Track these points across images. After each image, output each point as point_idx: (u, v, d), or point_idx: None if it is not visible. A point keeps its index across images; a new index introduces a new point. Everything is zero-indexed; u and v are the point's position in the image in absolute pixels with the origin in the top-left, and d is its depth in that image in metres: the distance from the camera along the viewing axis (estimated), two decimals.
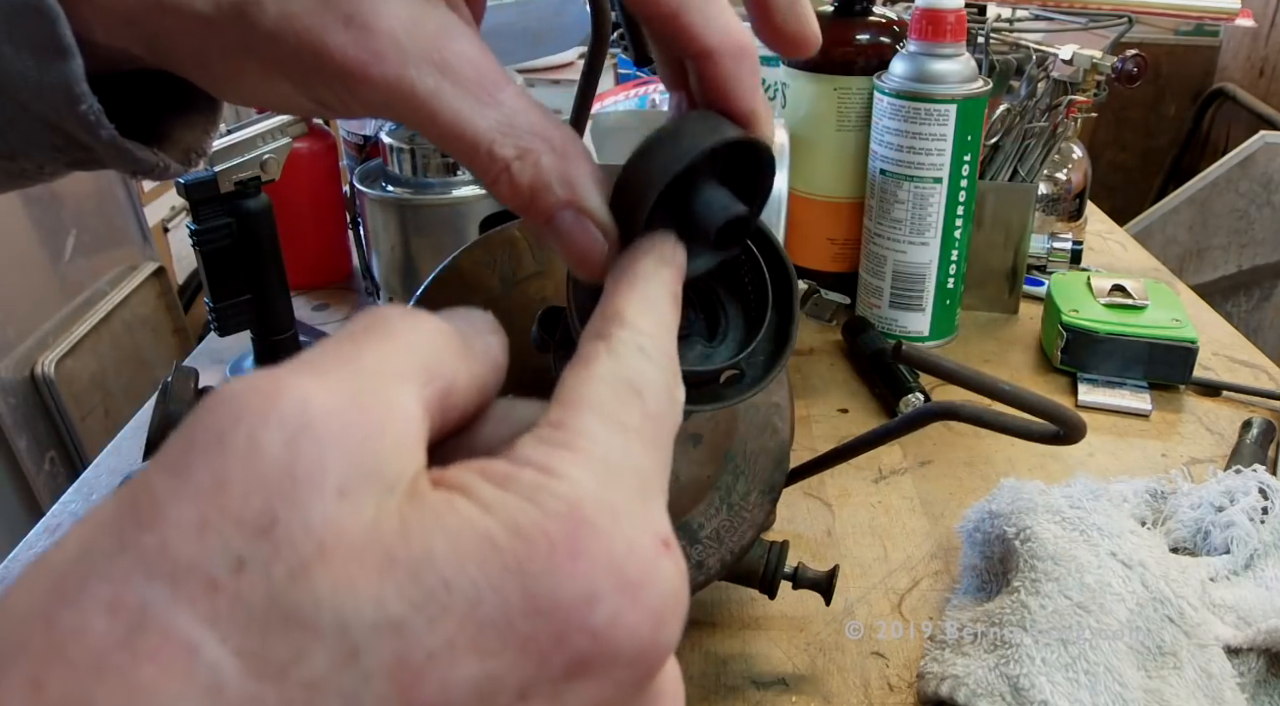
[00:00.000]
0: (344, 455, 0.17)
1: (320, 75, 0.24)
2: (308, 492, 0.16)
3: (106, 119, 0.25)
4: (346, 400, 0.17)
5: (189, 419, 0.17)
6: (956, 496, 0.67)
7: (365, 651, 0.16)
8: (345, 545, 0.16)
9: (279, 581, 0.16)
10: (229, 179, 0.75)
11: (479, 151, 0.24)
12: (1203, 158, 2.57)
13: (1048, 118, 0.93)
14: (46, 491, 1.34)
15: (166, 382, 0.69)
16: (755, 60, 0.26)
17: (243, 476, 0.16)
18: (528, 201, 0.24)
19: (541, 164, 0.24)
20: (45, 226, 1.47)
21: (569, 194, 0.24)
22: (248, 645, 0.15)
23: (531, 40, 0.90)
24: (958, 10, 0.78)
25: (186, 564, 0.16)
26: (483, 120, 0.23)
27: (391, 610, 0.16)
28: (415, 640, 0.16)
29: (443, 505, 0.17)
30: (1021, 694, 0.46)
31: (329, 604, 0.16)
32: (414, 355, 0.20)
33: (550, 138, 0.24)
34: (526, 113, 0.24)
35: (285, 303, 0.81)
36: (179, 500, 0.16)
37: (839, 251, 0.91)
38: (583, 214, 0.24)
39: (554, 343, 0.35)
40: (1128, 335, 0.77)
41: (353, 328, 0.20)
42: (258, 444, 0.16)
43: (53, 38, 0.24)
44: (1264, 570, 0.54)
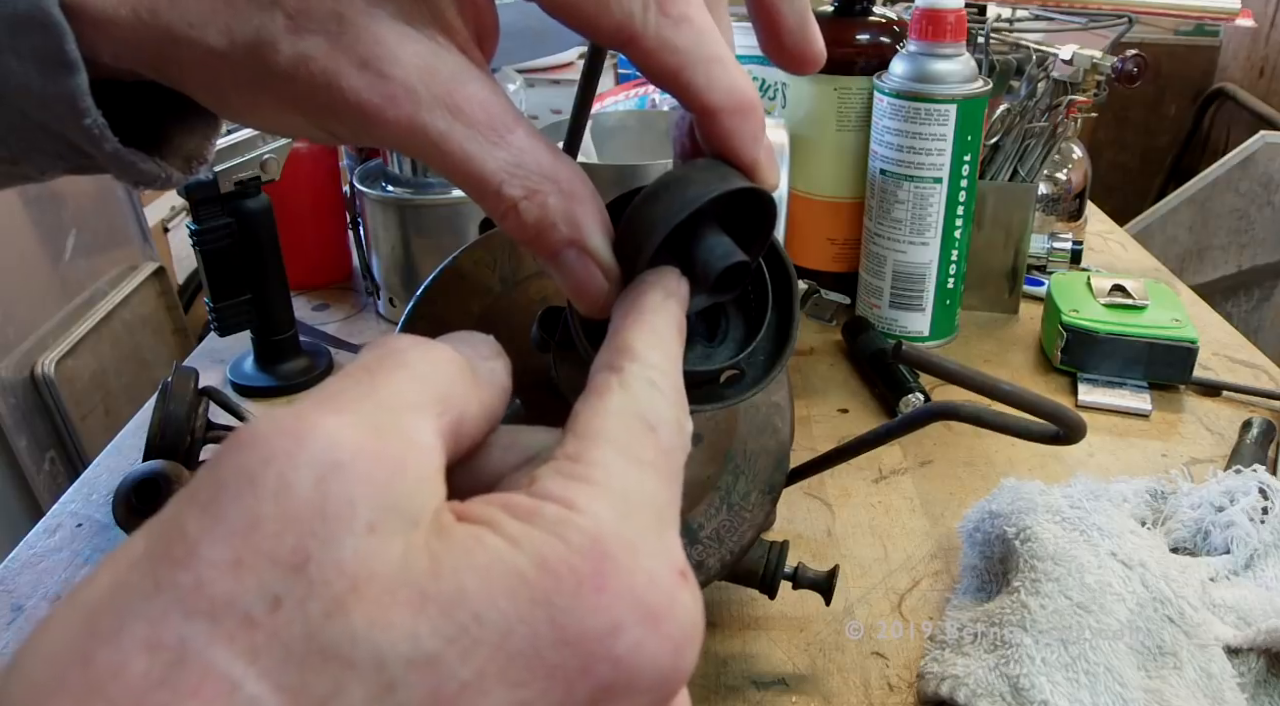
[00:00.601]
0: (371, 492, 0.17)
1: (334, 114, 0.24)
2: (339, 530, 0.17)
3: (110, 132, 0.26)
4: (370, 437, 0.18)
5: (217, 457, 0.17)
6: (956, 496, 0.67)
7: (401, 685, 0.16)
8: (378, 581, 0.17)
9: (315, 618, 0.16)
10: (229, 179, 0.75)
11: (488, 190, 0.24)
12: (1203, 158, 2.57)
13: (1048, 118, 0.93)
14: (46, 491, 1.34)
15: (166, 382, 0.69)
16: (758, 114, 0.26)
17: (275, 515, 0.16)
18: (534, 238, 0.25)
19: (548, 204, 0.24)
20: (45, 226, 1.47)
21: (573, 234, 0.25)
22: (286, 680, 0.16)
23: (531, 40, 0.90)
24: (958, 10, 0.78)
25: (223, 601, 0.16)
26: (492, 161, 0.24)
27: (426, 645, 0.16)
28: (449, 673, 0.16)
29: (470, 540, 0.18)
30: (1021, 694, 0.46)
31: (365, 639, 0.16)
32: (427, 386, 0.20)
33: (557, 178, 0.25)
34: (535, 153, 0.25)
35: (285, 302, 0.81)
36: (213, 539, 0.16)
37: (839, 251, 0.91)
38: (585, 253, 0.25)
39: (554, 342, 0.35)
40: (1128, 335, 0.77)
41: (366, 360, 0.20)
42: (288, 483, 0.17)
43: (59, 52, 0.24)
44: (1264, 570, 0.54)
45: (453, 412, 0.21)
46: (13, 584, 0.61)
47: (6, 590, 0.60)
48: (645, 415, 0.22)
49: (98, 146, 0.26)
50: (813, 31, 0.28)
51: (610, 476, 0.20)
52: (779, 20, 0.28)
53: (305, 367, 0.83)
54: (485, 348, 0.24)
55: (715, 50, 0.26)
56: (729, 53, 0.26)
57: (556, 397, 0.39)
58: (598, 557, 0.18)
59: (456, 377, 0.21)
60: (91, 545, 0.64)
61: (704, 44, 0.25)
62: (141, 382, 1.57)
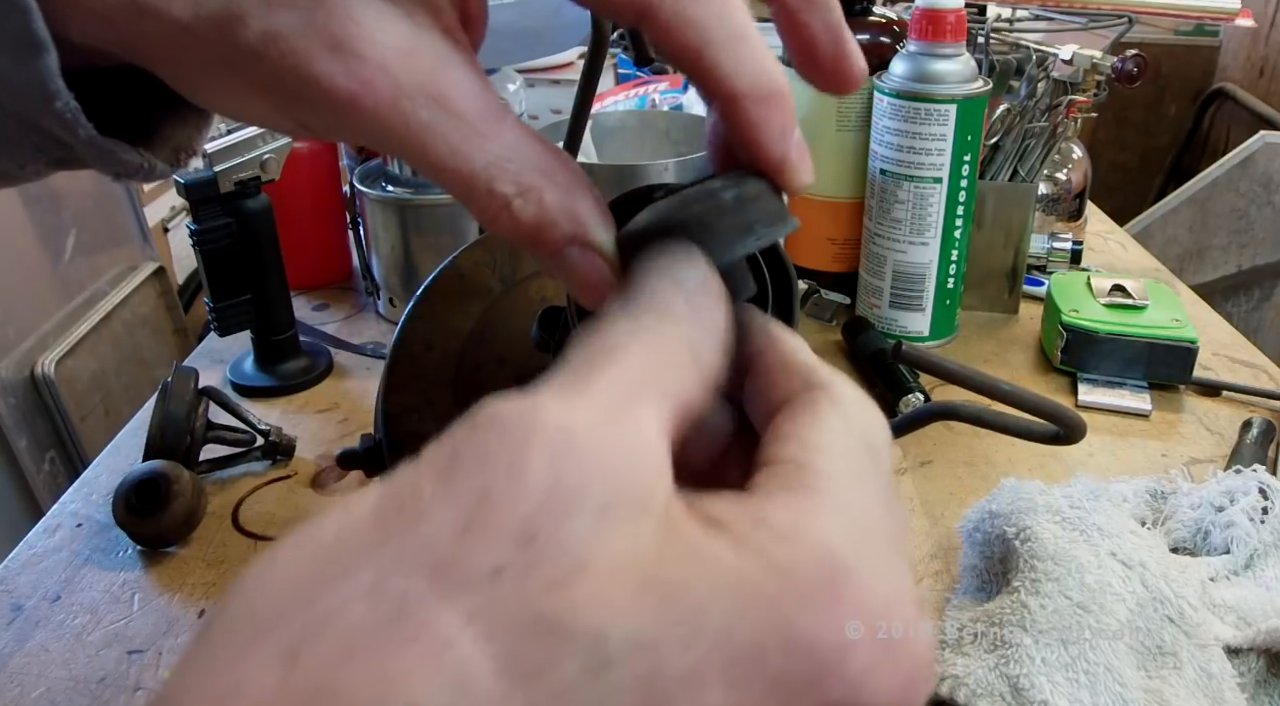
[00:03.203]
0: (604, 479, 0.17)
1: (304, 101, 0.22)
2: (569, 511, 0.17)
3: (84, 117, 0.24)
4: (603, 424, 0.18)
5: (454, 433, 0.18)
6: (956, 496, 0.67)
7: (617, 665, 0.16)
8: (604, 563, 0.17)
9: (536, 590, 0.16)
10: (229, 179, 0.75)
11: (476, 188, 0.22)
12: (1203, 158, 2.57)
13: (1048, 118, 0.93)
14: (46, 491, 1.34)
15: (166, 383, 0.69)
16: (788, 103, 0.24)
17: (507, 491, 0.17)
18: (531, 238, 0.23)
19: (544, 200, 0.23)
20: (45, 226, 1.47)
21: (575, 229, 0.23)
22: (501, 647, 0.16)
23: (531, 40, 0.90)
24: (958, 10, 0.78)
25: (447, 562, 0.16)
26: (480, 155, 0.22)
27: (646, 629, 0.16)
28: (667, 661, 0.16)
29: (699, 535, 0.18)
30: (1021, 694, 0.46)
31: (585, 616, 0.16)
32: (653, 374, 0.20)
33: (552, 172, 0.23)
34: (526, 146, 0.23)
35: (285, 302, 0.81)
36: (443, 504, 0.17)
37: (839, 251, 0.91)
38: (589, 249, 0.23)
39: (554, 342, 0.35)
40: (1128, 335, 0.77)
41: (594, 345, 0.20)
42: (523, 463, 0.17)
43: (25, 31, 0.22)
44: (1264, 570, 0.54)
45: (677, 399, 0.20)
46: (13, 584, 0.61)
47: (6, 590, 0.60)
48: (865, 436, 0.21)
49: (71, 133, 0.24)
50: (850, 48, 0.25)
51: (839, 491, 0.20)
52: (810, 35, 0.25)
53: (305, 367, 0.83)
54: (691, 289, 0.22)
55: (740, 28, 0.23)
56: (756, 33, 0.24)
57: None
58: (832, 568, 0.18)
59: (679, 363, 0.21)
60: (91, 545, 0.64)
61: (727, 21, 0.23)
62: (141, 383, 1.57)
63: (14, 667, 0.54)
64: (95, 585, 0.60)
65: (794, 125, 0.24)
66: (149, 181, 0.29)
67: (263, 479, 0.70)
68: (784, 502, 0.19)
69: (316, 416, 0.78)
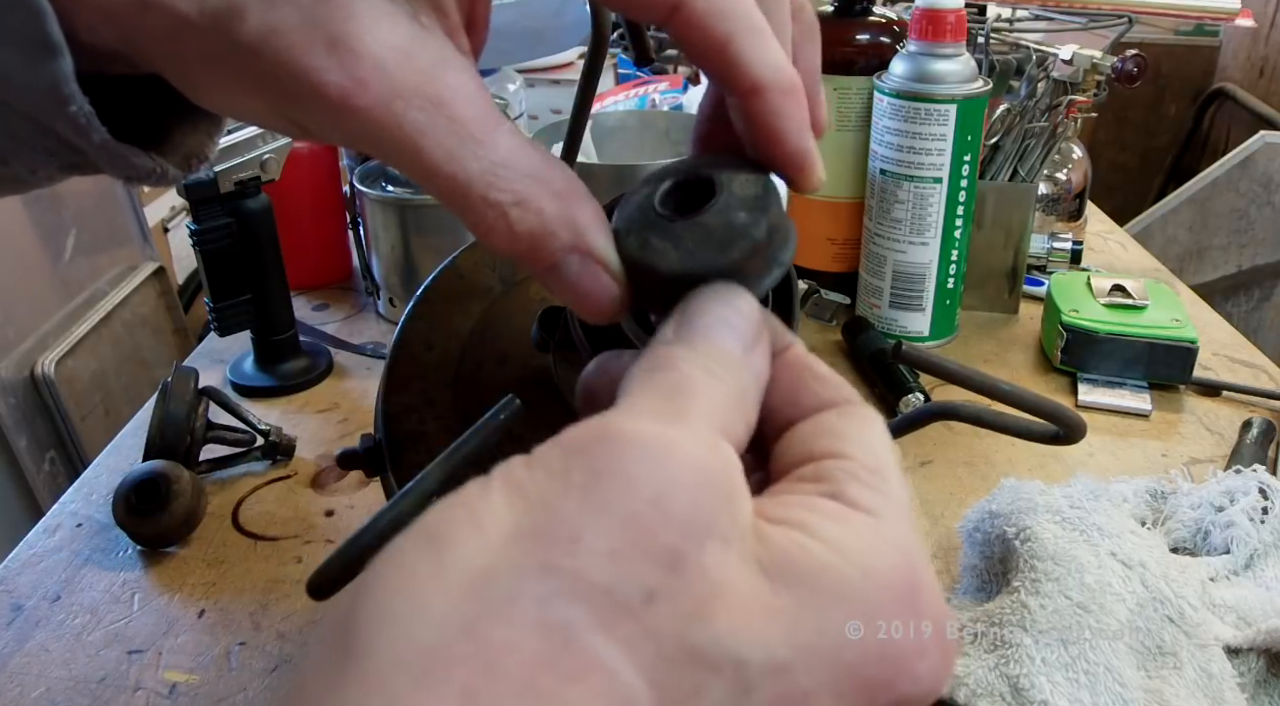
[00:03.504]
0: (724, 505, 0.18)
1: (297, 99, 0.22)
2: (706, 537, 0.17)
3: (98, 121, 0.24)
4: (715, 455, 0.19)
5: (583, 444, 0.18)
6: (956, 496, 0.67)
7: (757, 689, 0.17)
8: (734, 589, 0.17)
9: (685, 617, 0.17)
10: (229, 179, 0.75)
11: (471, 196, 0.22)
12: (1203, 158, 2.57)
13: (1048, 118, 0.93)
14: (46, 491, 1.34)
15: (166, 383, 0.69)
16: (804, 99, 0.24)
17: (653, 515, 0.17)
18: (527, 249, 0.22)
19: (544, 209, 0.22)
20: (45, 226, 1.47)
21: (575, 239, 0.22)
22: (657, 675, 0.16)
23: (531, 40, 0.90)
24: (958, 10, 0.78)
25: (603, 589, 0.16)
26: (475, 162, 0.22)
27: (779, 653, 0.17)
28: (795, 682, 0.17)
29: (794, 547, 0.19)
30: (1021, 694, 0.46)
31: (727, 643, 0.17)
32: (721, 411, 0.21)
33: (550, 180, 0.22)
34: (524, 154, 0.22)
35: (285, 302, 0.81)
36: (594, 528, 0.17)
37: (839, 251, 0.91)
38: (590, 259, 0.23)
39: (554, 342, 0.35)
40: (1128, 335, 0.77)
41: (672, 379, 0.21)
42: (667, 489, 0.17)
43: (39, 34, 0.22)
44: (1264, 570, 0.54)
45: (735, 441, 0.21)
46: (13, 584, 0.61)
47: (6, 590, 0.60)
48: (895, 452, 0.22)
49: (85, 137, 0.24)
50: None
51: (899, 495, 0.21)
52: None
53: (305, 368, 0.83)
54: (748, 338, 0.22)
55: (762, 23, 0.23)
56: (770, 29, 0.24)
57: (556, 397, 0.39)
58: (912, 575, 0.19)
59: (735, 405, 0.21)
60: (91, 545, 0.64)
61: (752, 14, 0.23)
62: (141, 383, 1.57)
63: (14, 667, 0.54)
64: (95, 585, 0.60)
65: (809, 118, 0.25)
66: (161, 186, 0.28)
67: (263, 479, 0.70)
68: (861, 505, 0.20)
69: (316, 416, 0.78)
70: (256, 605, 0.58)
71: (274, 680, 0.53)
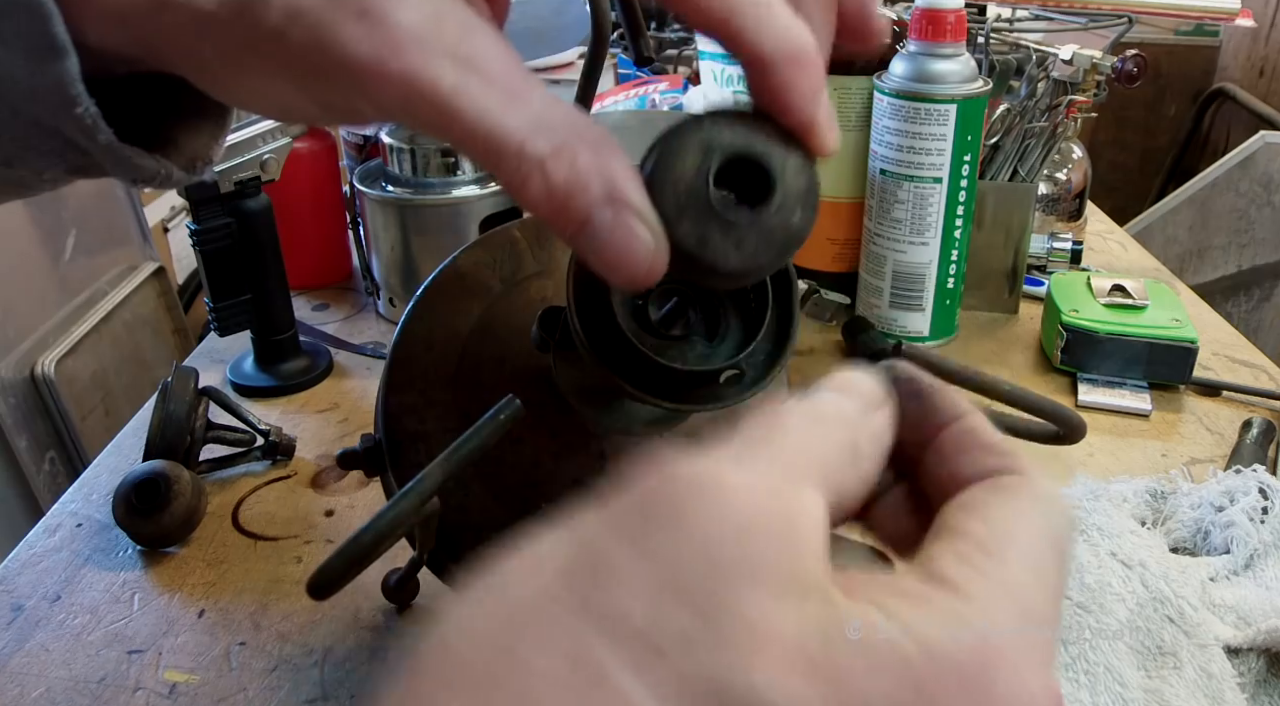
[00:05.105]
0: (780, 557, 0.18)
1: (328, 75, 0.22)
2: (752, 587, 0.17)
3: (104, 123, 0.24)
4: (780, 501, 0.18)
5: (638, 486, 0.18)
6: None
7: None
8: (776, 643, 0.17)
9: (720, 665, 0.17)
10: (229, 179, 0.75)
11: (508, 151, 0.22)
12: (1203, 158, 2.57)
13: (1048, 118, 0.93)
14: (47, 491, 1.34)
15: (166, 383, 0.69)
16: (816, 65, 0.24)
17: (698, 561, 0.17)
18: (562, 202, 0.22)
19: (578, 161, 0.22)
20: (45, 226, 1.47)
21: (610, 189, 0.22)
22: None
23: (531, 40, 0.90)
24: (958, 10, 0.78)
25: (639, 630, 0.17)
26: (513, 118, 0.22)
27: None
28: None
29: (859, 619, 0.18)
30: None
31: (761, 695, 0.17)
32: (816, 460, 0.20)
33: (586, 134, 0.22)
34: (557, 108, 0.22)
35: (285, 303, 0.81)
36: (638, 572, 0.17)
37: (839, 251, 0.91)
38: (626, 210, 0.22)
39: (554, 342, 0.35)
40: (1128, 335, 0.77)
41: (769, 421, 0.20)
42: (714, 535, 0.17)
43: (46, 36, 0.22)
44: (1264, 570, 0.54)
45: (835, 490, 0.20)
46: (13, 584, 0.61)
47: (6, 590, 0.60)
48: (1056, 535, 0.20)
49: (91, 139, 0.24)
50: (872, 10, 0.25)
51: (1011, 577, 0.19)
52: None
53: (305, 368, 0.83)
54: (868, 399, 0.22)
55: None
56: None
57: (556, 397, 0.39)
58: (987, 658, 0.18)
59: (841, 456, 0.21)
60: (91, 545, 0.64)
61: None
62: (141, 383, 1.57)
63: (14, 667, 0.54)
64: (95, 585, 0.60)
65: (823, 88, 0.24)
66: (165, 188, 0.28)
67: (263, 479, 0.70)
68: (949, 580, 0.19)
69: (316, 416, 0.78)
70: (256, 605, 0.58)
71: (274, 680, 0.53)
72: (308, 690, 0.52)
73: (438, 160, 0.86)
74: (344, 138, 1.04)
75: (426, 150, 0.86)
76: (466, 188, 0.86)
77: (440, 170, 0.86)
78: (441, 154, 0.86)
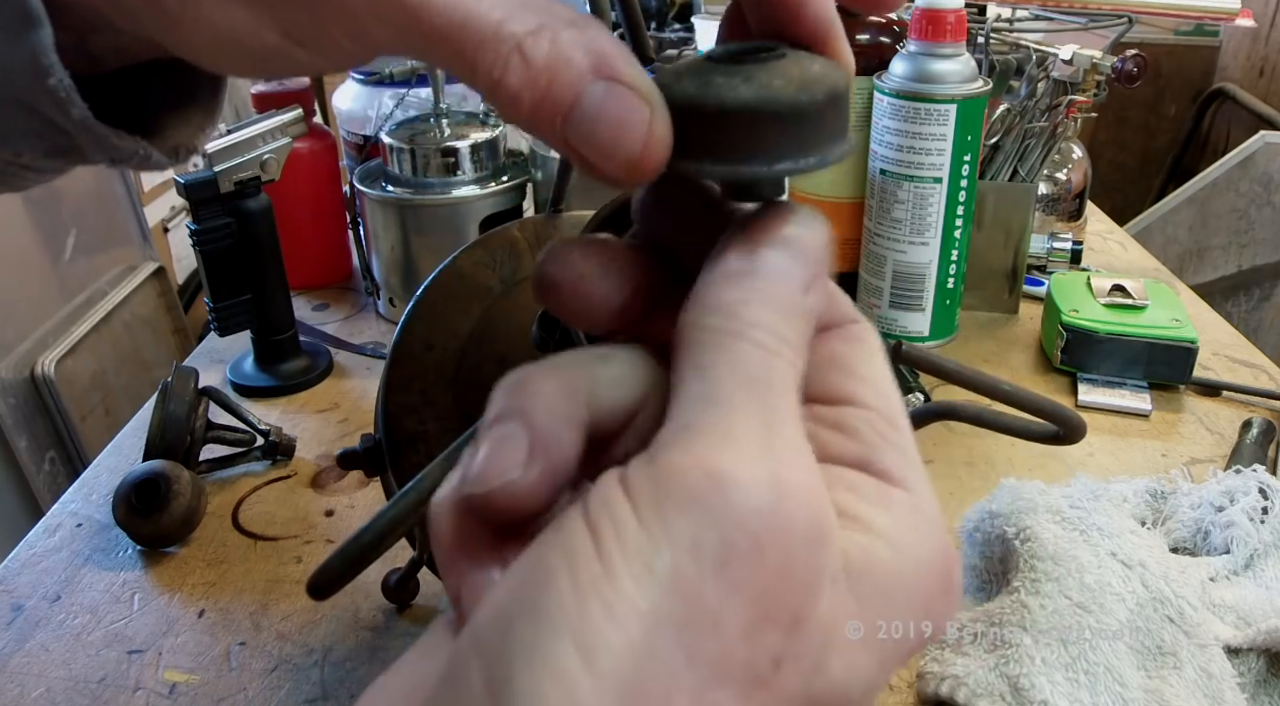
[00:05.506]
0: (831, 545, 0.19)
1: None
2: (820, 590, 0.18)
3: (79, 96, 0.23)
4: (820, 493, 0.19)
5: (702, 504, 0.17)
6: (956, 496, 0.67)
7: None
8: (839, 630, 0.19)
9: (807, 673, 0.18)
10: (229, 179, 0.75)
11: (484, 36, 0.19)
12: (1203, 158, 2.57)
13: (1048, 118, 0.93)
14: (47, 491, 1.34)
15: (166, 383, 0.69)
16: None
17: (779, 584, 0.18)
18: (546, 86, 0.19)
19: (560, 35, 0.19)
20: (45, 226, 1.47)
21: (595, 61, 0.19)
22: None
23: None
24: (958, 10, 0.78)
25: (741, 666, 0.17)
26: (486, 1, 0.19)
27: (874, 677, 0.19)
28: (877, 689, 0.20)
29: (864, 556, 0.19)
30: (1021, 694, 0.46)
31: (840, 686, 0.18)
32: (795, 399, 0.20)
33: (563, 13, 0.20)
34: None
35: (285, 303, 0.81)
36: (732, 610, 0.17)
37: (839, 251, 0.91)
38: (617, 82, 0.19)
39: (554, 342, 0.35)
40: (1128, 335, 0.77)
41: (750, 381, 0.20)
42: (792, 556, 0.18)
43: (19, 5, 0.21)
44: (1264, 570, 0.54)
45: None
46: (13, 584, 0.61)
47: (6, 590, 0.60)
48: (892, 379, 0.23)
49: (65, 114, 0.23)
50: None
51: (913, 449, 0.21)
52: None
53: (305, 367, 0.83)
54: None
55: None
56: None
57: None
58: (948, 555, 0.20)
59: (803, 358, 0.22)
60: (91, 545, 0.64)
61: None
62: (141, 383, 1.57)
63: (14, 667, 0.54)
64: (95, 585, 0.60)
65: None
66: (145, 170, 0.28)
67: (263, 479, 0.70)
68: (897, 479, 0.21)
69: (316, 416, 0.78)
70: (256, 605, 0.58)
71: (274, 680, 0.53)
72: (308, 690, 0.52)
73: (438, 160, 0.86)
74: (344, 138, 1.04)
75: (426, 150, 0.86)
76: (466, 188, 0.86)
77: (440, 170, 0.87)
78: (442, 154, 0.86)
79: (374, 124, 0.99)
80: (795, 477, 0.18)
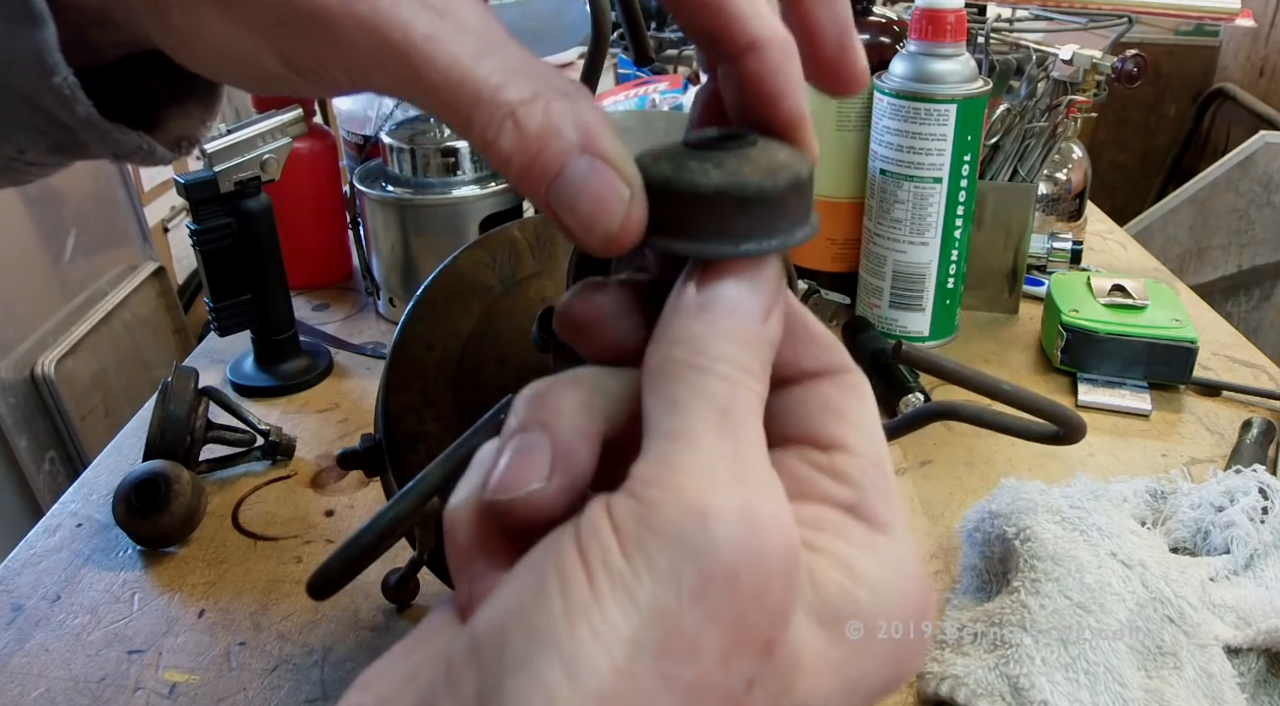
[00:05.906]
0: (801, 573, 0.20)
1: (292, 21, 0.21)
2: (790, 615, 0.19)
3: (83, 93, 0.23)
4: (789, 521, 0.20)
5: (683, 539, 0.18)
6: (956, 496, 0.67)
7: None
8: (807, 653, 0.20)
9: (774, 695, 0.19)
10: (229, 179, 0.75)
11: (481, 98, 0.20)
12: (1203, 158, 2.57)
13: (1048, 118, 0.93)
14: (47, 491, 1.34)
15: (166, 383, 0.69)
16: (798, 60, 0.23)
17: (755, 612, 0.18)
18: (535, 152, 0.20)
19: (551, 108, 0.20)
20: (45, 226, 1.47)
21: (584, 137, 0.21)
22: None
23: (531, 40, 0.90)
24: (958, 10, 0.78)
25: (715, 689, 0.18)
26: (485, 66, 0.20)
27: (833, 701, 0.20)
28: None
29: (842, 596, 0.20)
30: (1021, 694, 0.46)
31: None
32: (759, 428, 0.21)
33: (558, 83, 0.21)
34: (532, 61, 0.21)
35: (285, 303, 0.81)
36: (708, 637, 0.18)
37: (839, 251, 0.91)
38: (600, 160, 0.21)
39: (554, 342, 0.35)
40: (1128, 335, 0.77)
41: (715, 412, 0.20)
42: (766, 583, 0.18)
43: (23, 3, 0.22)
44: (1264, 570, 0.54)
45: None
46: (13, 584, 0.61)
47: (6, 590, 0.60)
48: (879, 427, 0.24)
49: (69, 111, 0.23)
50: (854, 47, 0.25)
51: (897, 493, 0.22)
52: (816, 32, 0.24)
53: (305, 367, 0.83)
54: None
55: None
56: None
57: None
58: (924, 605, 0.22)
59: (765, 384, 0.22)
60: (91, 545, 0.64)
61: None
62: (141, 382, 1.57)
63: (14, 667, 0.54)
64: (95, 585, 0.60)
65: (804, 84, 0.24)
66: (148, 164, 0.28)
67: (263, 479, 0.70)
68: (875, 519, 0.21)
69: (316, 416, 0.78)
70: (256, 605, 0.58)
71: (274, 680, 0.53)
72: (308, 690, 0.52)
73: (438, 160, 0.86)
74: (344, 138, 1.04)
75: (427, 150, 0.86)
76: (466, 188, 0.86)
77: (440, 170, 0.87)
78: (442, 154, 0.86)
79: (374, 124, 0.99)
80: (767, 508, 0.19)
